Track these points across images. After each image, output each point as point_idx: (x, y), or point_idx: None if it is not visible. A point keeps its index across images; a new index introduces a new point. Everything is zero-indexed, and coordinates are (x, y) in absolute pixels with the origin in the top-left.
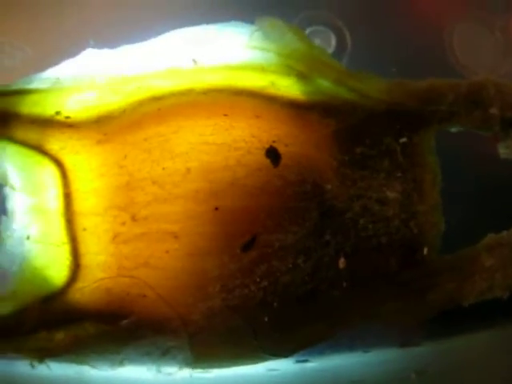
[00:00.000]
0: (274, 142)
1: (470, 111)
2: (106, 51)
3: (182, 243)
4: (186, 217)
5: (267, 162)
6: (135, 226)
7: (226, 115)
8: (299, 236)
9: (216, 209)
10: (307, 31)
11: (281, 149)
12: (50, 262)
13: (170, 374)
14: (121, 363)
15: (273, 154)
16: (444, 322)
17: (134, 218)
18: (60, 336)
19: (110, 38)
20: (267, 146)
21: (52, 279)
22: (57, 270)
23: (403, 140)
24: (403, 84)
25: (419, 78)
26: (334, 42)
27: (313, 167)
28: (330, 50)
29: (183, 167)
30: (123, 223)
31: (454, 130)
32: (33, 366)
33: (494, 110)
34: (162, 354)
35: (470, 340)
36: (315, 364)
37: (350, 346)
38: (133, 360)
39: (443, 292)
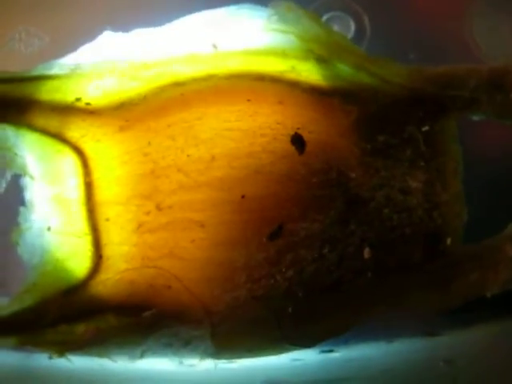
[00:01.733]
0: (298, 128)
1: (492, 97)
2: (125, 36)
3: (208, 232)
4: (212, 205)
5: (292, 149)
6: (160, 215)
7: (249, 100)
8: (325, 225)
9: (242, 197)
10: (326, 17)
11: (305, 136)
12: (72, 253)
13: (192, 365)
14: (142, 355)
15: (298, 140)
16: (468, 312)
17: (158, 207)
18: (81, 329)
19: (126, 22)
20: (292, 132)
21: (73, 271)
22: (78, 262)
23: (425, 128)
24: (424, 69)
25: (438, 64)
26: (353, 27)
27: (337, 155)
28: (349, 36)
29: (208, 154)
30: (147, 212)
31: (475, 117)
32: (51, 358)
33: None
34: (184, 345)
35: (494, 329)
36: (340, 354)
37: (374, 335)
38: (154, 351)
39: (467, 282)
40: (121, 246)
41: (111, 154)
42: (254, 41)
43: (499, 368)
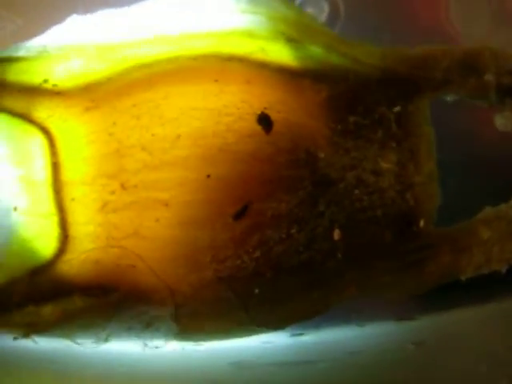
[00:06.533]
0: (265, 108)
1: (465, 78)
2: (92, 18)
3: (172, 211)
4: (177, 184)
5: (259, 128)
6: (124, 195)
7: (216, 81)
8: (292, 205)
9: (208, 176)
10: (300, 0)
11: (273, 115)
12: (38, 233)
13: (157, 347)
14: (107, 338)
15: (264, 120)
16: (440, 296)
17: (123, 186)
18: (48, 310)
19: (99, 6)
20: (259, 112)
21: (40, 251)
22: (45, 242)
23: (397, 109)
24: (397, 50)
25: (413, 47)
26: (327, 10)
27: (305, 135)
28: (323, 19)
29: (173, 133)
30: (112, 192)
31: (449, 98)
32: (15, 339)
33: (489, 77)
34: (147, 326)
35: (467, 313)
36: (310, 337)
37: (345, 319)
38: (118, 333)
39: (440, 265)
40: (86, 225)
41: (77, 134)
42: (223, 22)
43: (469, 352)
